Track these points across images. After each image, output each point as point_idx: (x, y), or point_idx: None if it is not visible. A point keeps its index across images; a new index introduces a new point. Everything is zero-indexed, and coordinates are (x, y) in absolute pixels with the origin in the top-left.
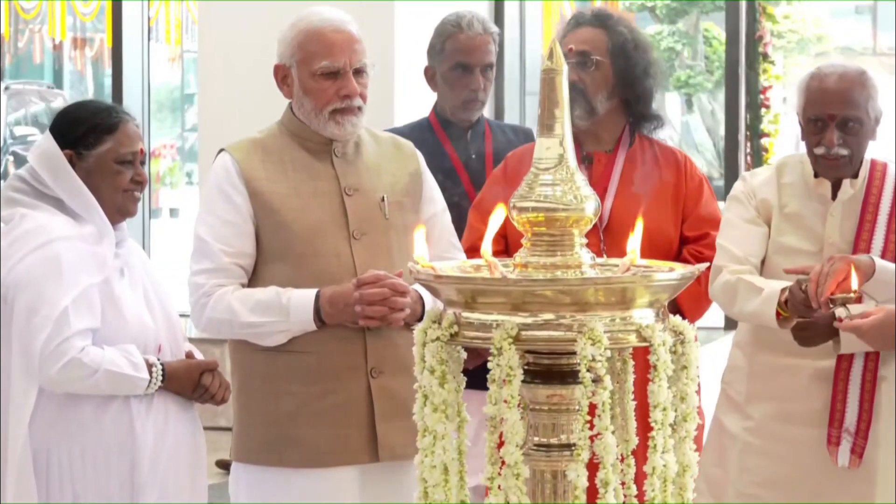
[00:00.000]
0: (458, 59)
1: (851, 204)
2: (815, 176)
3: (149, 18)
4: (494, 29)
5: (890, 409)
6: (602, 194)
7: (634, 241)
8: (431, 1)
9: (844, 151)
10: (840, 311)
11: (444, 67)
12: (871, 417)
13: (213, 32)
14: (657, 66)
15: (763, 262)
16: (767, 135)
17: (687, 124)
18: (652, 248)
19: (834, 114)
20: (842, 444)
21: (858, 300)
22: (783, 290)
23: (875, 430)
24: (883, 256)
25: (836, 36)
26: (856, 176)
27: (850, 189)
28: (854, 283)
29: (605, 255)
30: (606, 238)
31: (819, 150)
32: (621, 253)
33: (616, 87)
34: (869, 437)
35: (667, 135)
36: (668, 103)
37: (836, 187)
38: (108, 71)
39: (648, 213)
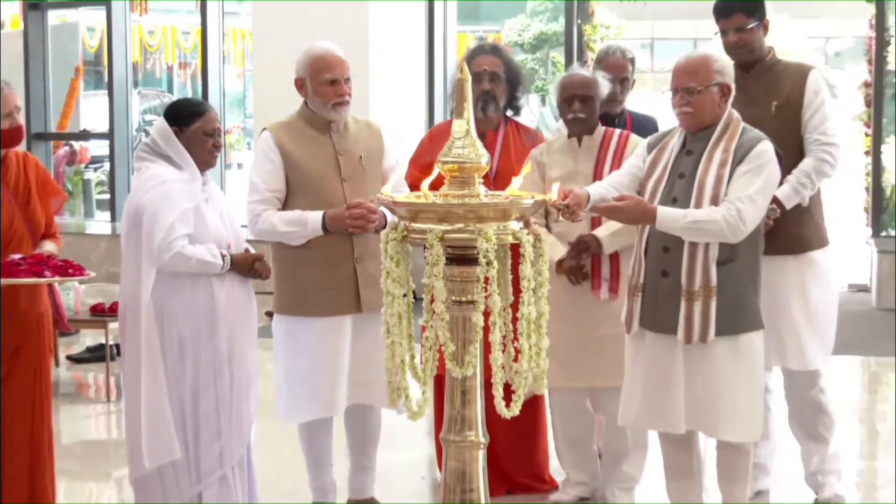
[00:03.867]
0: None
1: (591, 150)
2: (569, 136)
3: (223, 50)
4: (631, 55)
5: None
6: (490, 157)
7: (515, 183)
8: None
9: (583, 115)
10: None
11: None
12: (619, 270)
13: (262, 58)
14: (525, 78)
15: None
16: None
17: (542, 114)
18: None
19: (576, 93)
20: (601, 287)
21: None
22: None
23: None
24: (607, 176)
25: None
26: (591, 133)
27: (589, 140)
28: (555, 196)
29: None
30: (495, 183)
31: (570, 116)
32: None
33: (506, 93)
34: (620, 281)
35: (529, 119)
36: (531, 100)
37: (580, 140)
38: (200, 83)
39: (518, 170)
